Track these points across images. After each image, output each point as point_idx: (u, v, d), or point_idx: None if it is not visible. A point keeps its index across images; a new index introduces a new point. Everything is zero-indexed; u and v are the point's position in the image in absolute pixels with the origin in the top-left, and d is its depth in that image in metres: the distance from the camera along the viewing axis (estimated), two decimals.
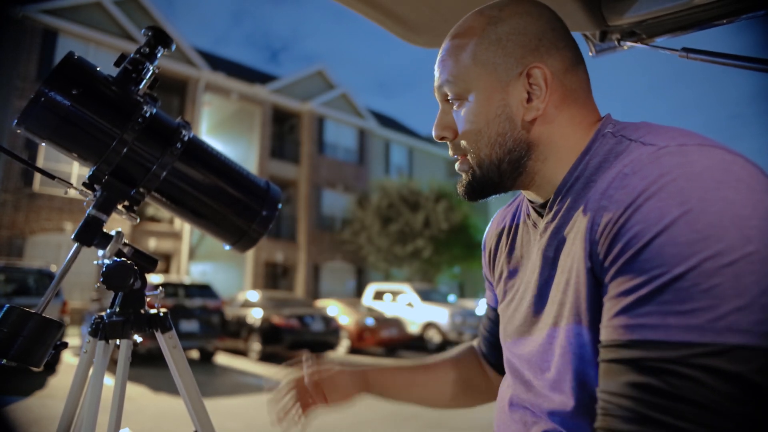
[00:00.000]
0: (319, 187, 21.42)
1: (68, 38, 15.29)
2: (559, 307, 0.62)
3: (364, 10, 1.05)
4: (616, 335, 0.50)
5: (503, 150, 0.67)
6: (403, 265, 19.54)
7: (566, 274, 0.61)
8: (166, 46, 1.04)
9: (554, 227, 0.66)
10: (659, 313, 0.47)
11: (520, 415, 0.70)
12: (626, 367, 0.49)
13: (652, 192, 0.50)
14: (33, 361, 0.84)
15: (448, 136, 0.71)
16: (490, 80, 0.66)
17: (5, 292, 7.51)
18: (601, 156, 0.62)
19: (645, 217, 0.50)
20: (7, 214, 14.07)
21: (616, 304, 0.51)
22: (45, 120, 0.93)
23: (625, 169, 0.55)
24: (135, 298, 1.04)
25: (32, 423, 4.61)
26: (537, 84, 0.65)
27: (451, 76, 0.68)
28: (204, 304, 9.29)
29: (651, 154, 0.54)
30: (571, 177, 0.65)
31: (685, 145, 0.53)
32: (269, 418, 0.90)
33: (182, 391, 1.06)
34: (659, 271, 0.48)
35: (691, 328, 0.45)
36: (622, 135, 0.62)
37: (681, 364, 0.45)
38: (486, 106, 0.66)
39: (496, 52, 0.66)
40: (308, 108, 21.34)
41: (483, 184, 0.70)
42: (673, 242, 0.47)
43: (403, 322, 12.35)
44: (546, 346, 0.65)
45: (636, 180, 0.53)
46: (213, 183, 1.11)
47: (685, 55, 0.91)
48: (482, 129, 0.67)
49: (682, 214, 0.48)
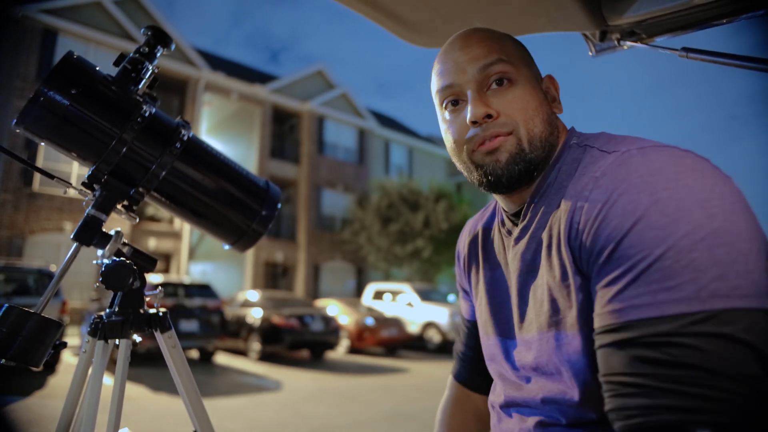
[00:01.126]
0: (319, 187, 21.42)
1: (68, 38, 15.28)
2: (541, 306, 0.66)
3: (364, 10, 1.05)
4: (611, 320, 0.54)
5: (550, 130, 0.72)
6: (402, 265, 19.54)
7: (548, 274, 0.65)
8: (165, 45, 1.04)
9: (531, 231, 0.70)
10: (649, 293, 0.51)
11: (515, 411, 0.73)
12: (626, 347, 0.52)
13: (624, 189, 0.56)
14: (32, 361, 0.84)
15: (494, 113, 0.70)
16: (531, 71, 0.74)
17: (5, 291, 7.51)
18: (570, 164, 0.69)
19: (621, 211, 0.55)
20: (7, 214, 14.07)
21: (607, 292, 0.55)
22: (44, 120, 0.93)
23: (596, 173, 0.62)
24: (134, 298, 1.04)
25: (32, 423, 4.61)
26: (550, 89, 0.76)
27: (506, 56, 0.71)
28: (204, 303, 9.29)
29: (617, 158, 0.61)
30: (544, 184, 0.71)
31: (644, 148, 0.60)
32: (269, 418, 0.89)
33: (181, 391, 1.06)
34: (642, 255, 0.52)
35: (679, 300, 0.50)
36: (587, 145, 0.69)
37: (677, 335, 0.49)
38: (534, 91, 0.72)
39: (525, 51, 0.75)
40: (308, 108, 21.33)
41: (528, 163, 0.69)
42: (649, 228, 0.53)
43: (403, 321, 12.35)
44: (534, 343, 0.68)
45: (608, 181, 0.59)
46: (212, 182, 1.11)
47: (685, 54, 0.91)
48: (538, 107, 0.71)
49: (652, 203, 0.53)
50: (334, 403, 6.10)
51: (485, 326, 0.81)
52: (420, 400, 6.61)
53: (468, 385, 0.96)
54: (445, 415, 0.96)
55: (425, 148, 26.59)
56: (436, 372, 9.37)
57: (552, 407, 0.65)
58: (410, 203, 19.44)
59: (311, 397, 6.60)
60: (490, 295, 0.80)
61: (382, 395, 6.86)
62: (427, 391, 7.33)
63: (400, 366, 9.82)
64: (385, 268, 19.89)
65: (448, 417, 0.95)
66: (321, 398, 6.48)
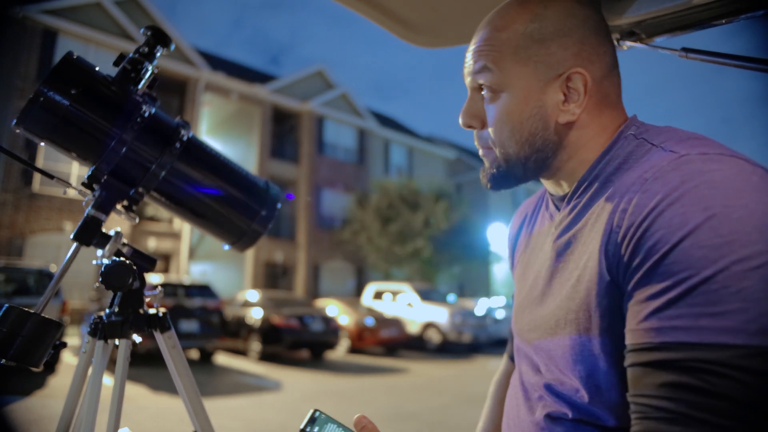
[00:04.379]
0: (319, 187, 21.42)
1: (68, 38, 15.27)
2: (567, 302, 0.63)
3: (364, 10, 1.05)
4: (647, 338, 0.50)
5: (532, 149, 0.67)
6: (402, 265, 19.54)
7: (578, 271, 0.62)
8: (165, 45, 1.04)
9: (568, 222, 0.67)
10: (691, 315, 0.47)
11: (529, 394, 0.71)
12: (661, 369, 0.49)
13: (675, 198, 0.51)
14: (32, 361, 0.84)
15: (476, 126, 0.70)
16: (530, 79, 0.65)
17: (5, 291, 7.51)
18: (621, 158, 0.62)
19: (668, 222, 0.50)
20: (7, 214, 14.07)
21: (645, 307, 0.51)
22: (44, 120, 0.93)
23: (646, 174, 0.55)
24: (134, 298, 1.04)
25: (32, 423, 4.61)
26: (575, 88, 0.64)
27: (492, 65, 0.66)
28: (204, 304, 9.29)
29: (672, 162, 0.54)
30: (590, 175, 0.65)
31: (706, 154, 0.53)
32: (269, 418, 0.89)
33: (181, 391, 1.06)
34: (687, 274, 0.48)
35: (724, 329, 0.46)
36: (644, 138, 0.62)
37: (718, 364, 0.45)
38: (522, 105, 0.65)
39: (538, 51, 0.65)
40: (308, 108, 21.33)
41: (507, 177, 0.71)
42: (699, 246, 0.48)
43: (403, 321, 12.35)
44: (554, 338, 0.65)
45: (657, 185, 0.53)
46: (212, 182, 1.11)
47: (685, 54, 0.91)
48: (515, 127, 0.66)
49: (706, 219, 0.48)
50: (334, 403, 6.09)
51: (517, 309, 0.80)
52: (420, 400, 6.61)
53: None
54: (496, 386, 0.98)
55: (425, 148, 26.58)
56: (436, 372, 9.37)
57: (563, 401, 0.63)
58: (410, 203, 19.44)
59: (311, 397, 6.60)
60: (525, 279, 0.79)
61: (382, 395, 6.86)
62: (427, 391, 7.33)
63: (400, 366, 9.82)
64: (385, 268, 19.88)
65: (500, 389, 0.97)
66: (321, 398, 6.47)
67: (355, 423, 0.60)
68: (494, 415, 0.94)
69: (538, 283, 0.72)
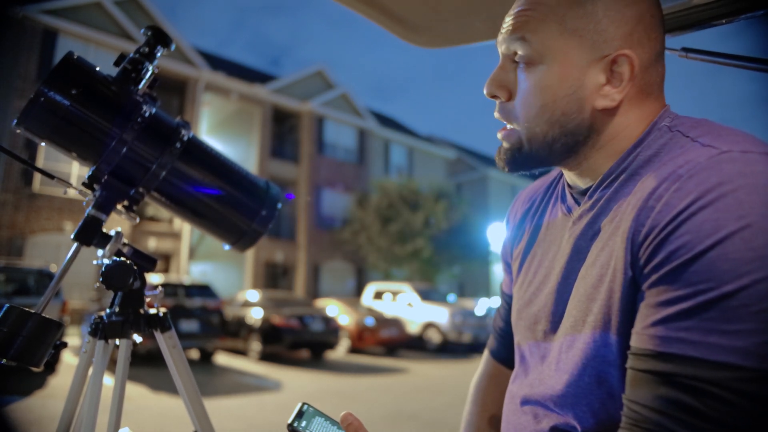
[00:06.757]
0: (319, 187, 21.43)
1: (68, 38, 15.27)
2: (586, 302, 0.59)
3: (364, 10, 1.05)
4: (651, 344, 0.48)
5: (562, 131, 0.61)
6: (402, 265, 19.54)
7: (600, 269, 0.57)
8: (165, 45, 1.04)
9: (591, 217, 0.62)
10: (701, 330, 0.45)
11: (531, 408, 0.66)
12: (659, 379, 0.47)
13: (709, 200, 0.46)
14: (32, 361, 0.84)
15: (502, 96, 0.64)
16: (572, 54, 0.59)
17: (5, 292, 7.51)
18: (653, 150, 0.57)
19: (698, 227, 0.46)
20: (7, 214, 14.07)
21: (655, 312, 0.48)
22: (44, 120, 0.93)
23: (680, 170, 0.50)
24: (134, 298, 1.04)
25: (32, 423, 4.61)
26: (620, 72, 0.58)
27: (531, 34, 0.60)
28: (204, 304, 9.29)
29: (710, 158, 0.49)
30: (618, 168, 0.60)
31: (749, 152, 0.48)
32: (269, 418, 0.89)
33: (182, 391, 1.06)
34: (707, 286, 0.45)
35: (734, 350, 0.43)
36: (679, 131, 0.57)
37: (719, 386, 0.43)
38: (560, 81, 0.60)
39: (587, 26, 0.58)
40: (308, 108, 21.33)
41: (528, 158, 0.64)
42: (726, 257, 0.44)
43: (403, 321, 12.35)
44: (567, 338, 0.61)
45: (691, 184, 0.48)
46: (212, 183, 1.11)
47: (685, 54, 0.91)
48: (547, 104, 0.60)
49: (739, 229, 0.44)
50: (334, 403, 6.09)
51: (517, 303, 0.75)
52: (420, 400, 6.61)
53: (504, 362, 0.88)
54: (477, 389, 0.90)
55: (425, 148, 26.58)
56: (436, 372, 9.37)
57: (568, 413, 0.59)
58: (410, 203, 19.44)
59: (311, 397, 6.60)
60: (529, 272, 0.73)
61: (382, 395, 6.86)
62: (427, 391, 7.33)
63: (400, 366, 9.82)
64: (385, 268, 19.89)
65: (482, 393, 0.89)
66: (321, 398, 6.47)
67: (341, 420, 0.58)
68: (478, 420, 0.86)
69: (550, 278, 0.67)
